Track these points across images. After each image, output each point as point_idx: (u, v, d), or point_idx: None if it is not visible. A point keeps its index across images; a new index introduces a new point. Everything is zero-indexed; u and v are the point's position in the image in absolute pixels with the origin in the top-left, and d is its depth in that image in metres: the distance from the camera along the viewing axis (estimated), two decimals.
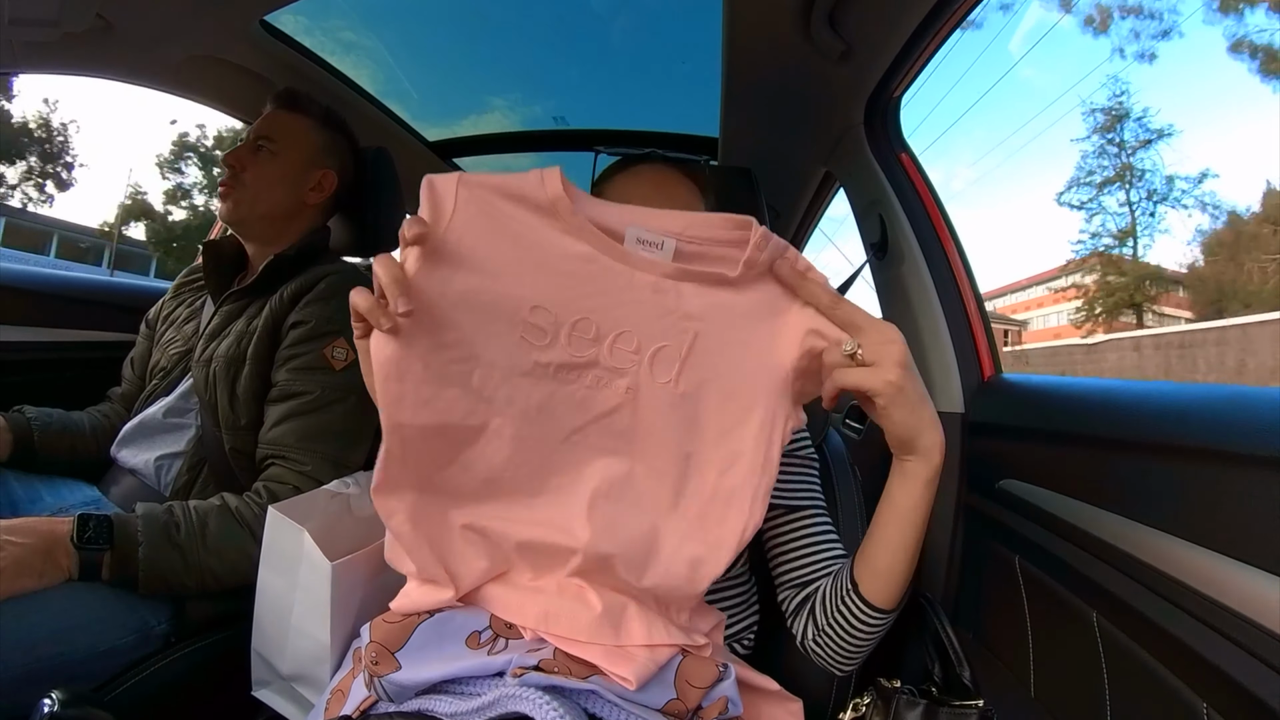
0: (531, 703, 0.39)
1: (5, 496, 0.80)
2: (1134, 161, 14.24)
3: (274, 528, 0.60)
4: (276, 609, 0.60)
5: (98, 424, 0.94)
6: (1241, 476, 0.49)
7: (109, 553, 0.65)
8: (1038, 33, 13.03)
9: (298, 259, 0.90)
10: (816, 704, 0.68)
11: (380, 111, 1.41)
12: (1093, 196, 14.94)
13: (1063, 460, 0.73)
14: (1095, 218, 15.08)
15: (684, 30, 1.31)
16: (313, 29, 1.18)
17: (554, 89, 1.63)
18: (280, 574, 0.60)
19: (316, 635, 0.56)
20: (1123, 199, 14.26)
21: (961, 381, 0.96)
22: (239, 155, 0.90)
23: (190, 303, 1.01)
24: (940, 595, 0.92)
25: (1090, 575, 0.63)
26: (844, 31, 0.88)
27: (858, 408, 1.56)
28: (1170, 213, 14.07)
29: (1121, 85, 13.81)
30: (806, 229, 1.91)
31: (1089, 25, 13.59)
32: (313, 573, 0.56)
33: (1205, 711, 0.49)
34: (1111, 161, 14.58)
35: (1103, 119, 14.73)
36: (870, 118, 1.05)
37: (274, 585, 0.60)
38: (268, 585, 0.61)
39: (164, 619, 0.71)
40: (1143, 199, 14.38)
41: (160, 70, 1.09)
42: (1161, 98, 28.66)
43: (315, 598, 0.56)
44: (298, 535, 0.57)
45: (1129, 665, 0.58)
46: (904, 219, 1.01)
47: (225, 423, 0.83)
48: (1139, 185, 14.30)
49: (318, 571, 0.55)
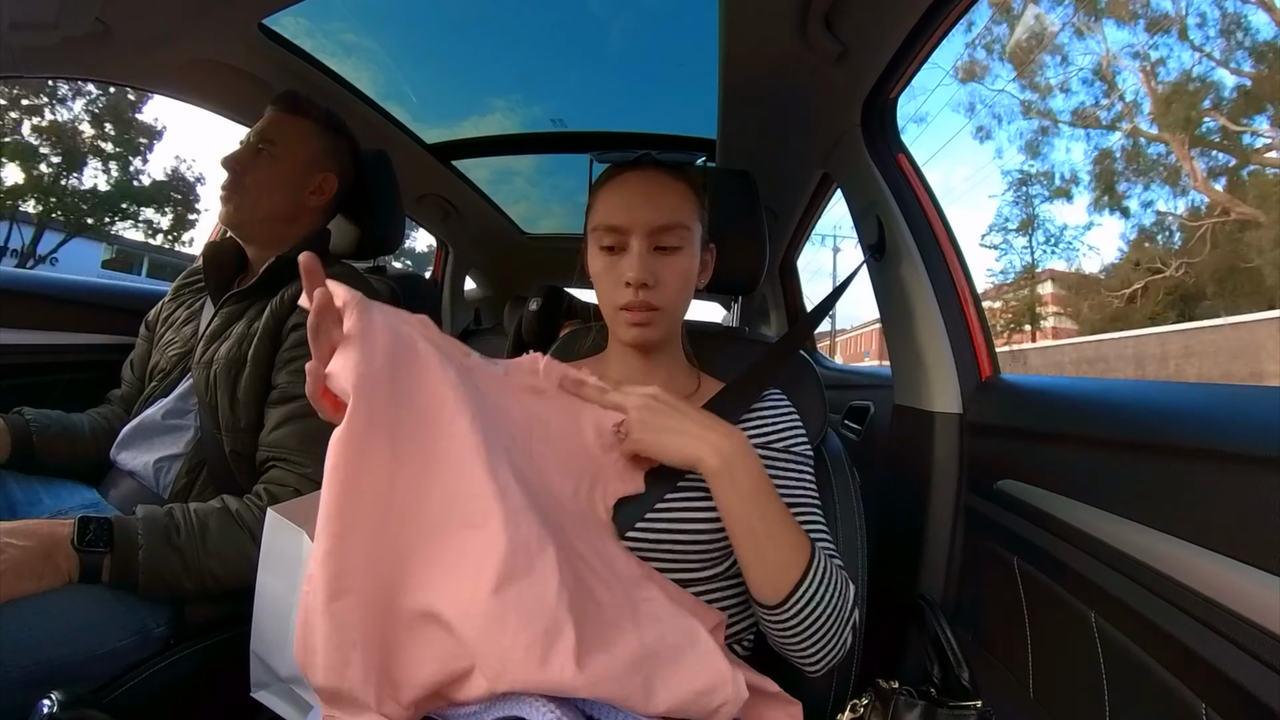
0: (530, 707, 0.39)
1: (4, 498, 0.79)
2: (1038, 213, 18.80)
3: (273, 530, 0.60)
4: (276, 611, 0.59)
5: (97, 426, 0.94)
6: (1239, 476, 0.49)
7: (109, 555, 0.65)
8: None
9: (298, 261, 0.90)
10: (816, 705, 0.68)
11: (378, 114, 1.41)
12: (1004, 240, 19.60)
13: (1062, 461, 0.74)
14: (1005, 257, 19.77)
15: (682, 33, 1.32)
16: (312, 31, 1.18)
17: (553, 92, 1.64)
18: (279, 576, 0.59)
19: None
20: (1026, 243, 19.05)
21: (960, 382, 0.96)
22: (239, 158, 0.90)
23: (190, 304, 1.01)
24: (939, 596, 0.92)
25: (1089, 576, 0.63)
26: (840, 33, 0.88)
27: (855, 409, 1.57)
28: (1061, 253, 18.89)
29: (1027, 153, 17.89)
30: (804, 230, 1.92)
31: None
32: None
33: (1204, 712, 0.49)
34: (1022, 211, 19.10)
35: (1017, 177, 18.97)
36: (867, 119, 1.05)
37: (273, 587, 0.60)
38: (267, 587, 0.61)
39: (163, 621, 0.71)
40: (1042, 244, 19.03)
41: (159, 74, 1.09)
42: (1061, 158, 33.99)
43: None
44: (297, 538, 0.57)
45: (1128, 665, 0.58)
46: (901, 220, 1.01)
47: (225, 425, 0.83)
48: (1040, 231, 18.98)
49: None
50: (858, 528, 0.75)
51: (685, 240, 0.66)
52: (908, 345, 1.04)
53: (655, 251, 0.65)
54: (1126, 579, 0.58)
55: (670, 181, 0.67)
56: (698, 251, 0.69)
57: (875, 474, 1.18)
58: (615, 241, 0.66)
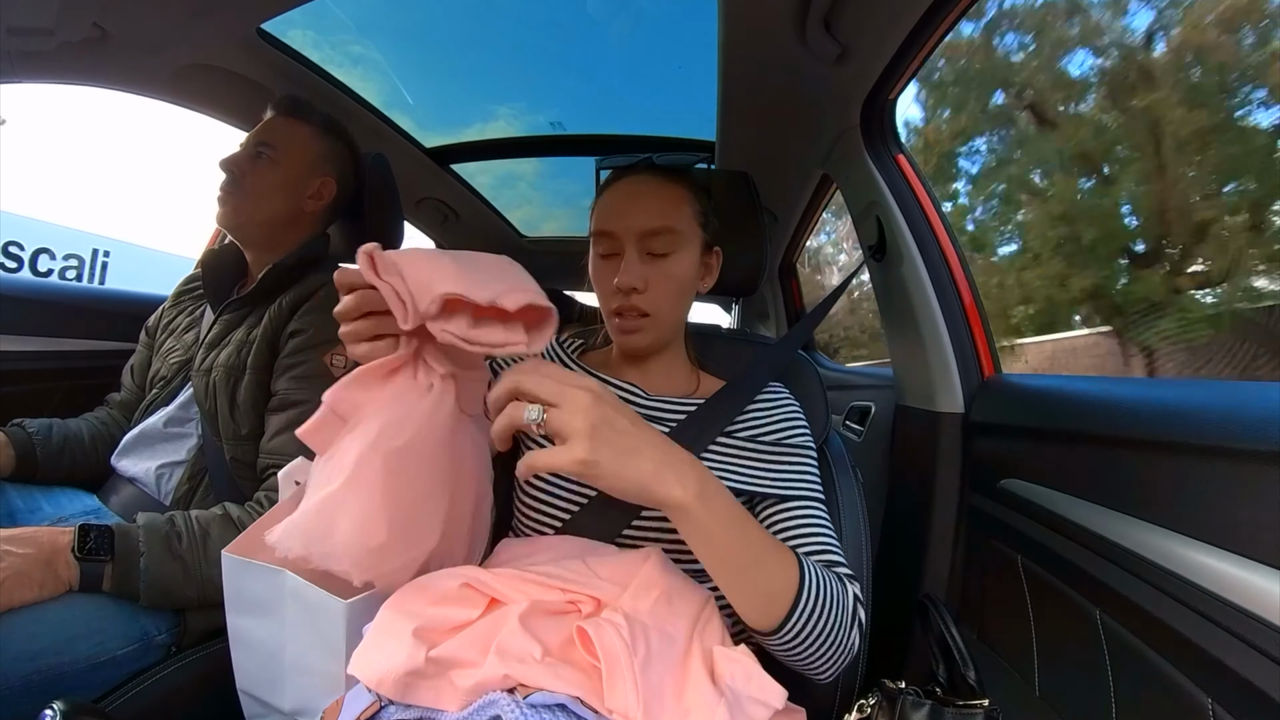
0: (510, 708, 0.38)
1: (4, 505, 0.79)
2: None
3: (237, 572, 0.55)
4: (262, 653, 0.56)
5: (97, 432, 0.94)
6: (1242, 471, 0.49)
7: (110, 564, 0.65)
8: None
9: (297, 267, 0.90)
10: (821, 706, 0.67)
11: (376, 117, 1.41)
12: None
13: (1064, 459, 0.74)
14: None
15: (681, 35, 1.32)
16: (310, 35, 1.18)
17: (552, 94, 1.64)
18: (258, 617, 0.55)
19: (326, 670, 0.53)
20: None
21: (961, 381, 0.96)
22: (238, 161, 0.90)
23: (190, 311, 1.01)
24: (944, 595, 0.93)
25: (1093, 573, 0.63)
26: (839, 34, 0.89)
27: (857, 409, 1.57)
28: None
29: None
30: (804, 232, 1.92)
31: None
32: (309, 611, 0.52)
33: (1210, 707, 0.49)
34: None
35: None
36: (866, 120, 1.05)
37: (252, 631, 0.56)
38: (244, 632, 0.57)
39: (165, 628, 0.71)
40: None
41: (157, 79, 1.09)
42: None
43: (319, 634, 0.53)
44: (275, 577, 0.53)
45: (1133, 661, 0.58)
46: (901, 220, 1.02)
47: (226, 432, 0.83)
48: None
49: (322, 611, 0.52)
50: (862, 528, 0.75)
51: (677, 245, 0.66)
52: (909, 345, 1.04)
53: (647, 257, 0.66)
54: (1131, 575, 0.58)
55: (664, 185, 0.67)
56: (695, 255, 0.69)
57: (878, 474, 1.18)
58: (609, 247, 0.67)
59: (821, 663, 0.53)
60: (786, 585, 0.48)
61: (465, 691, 0.41)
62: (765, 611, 0.48)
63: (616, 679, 0.41)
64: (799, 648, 0.51)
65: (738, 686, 0.46)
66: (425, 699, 0.42)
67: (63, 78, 1.03)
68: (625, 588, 0.50)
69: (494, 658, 0.41)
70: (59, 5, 0.83)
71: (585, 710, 0.40)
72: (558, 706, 0.40)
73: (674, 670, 0.45)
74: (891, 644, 0.95)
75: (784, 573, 0.49)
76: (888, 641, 0.92)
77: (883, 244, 1.06)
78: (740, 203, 0.87)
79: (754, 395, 0.70)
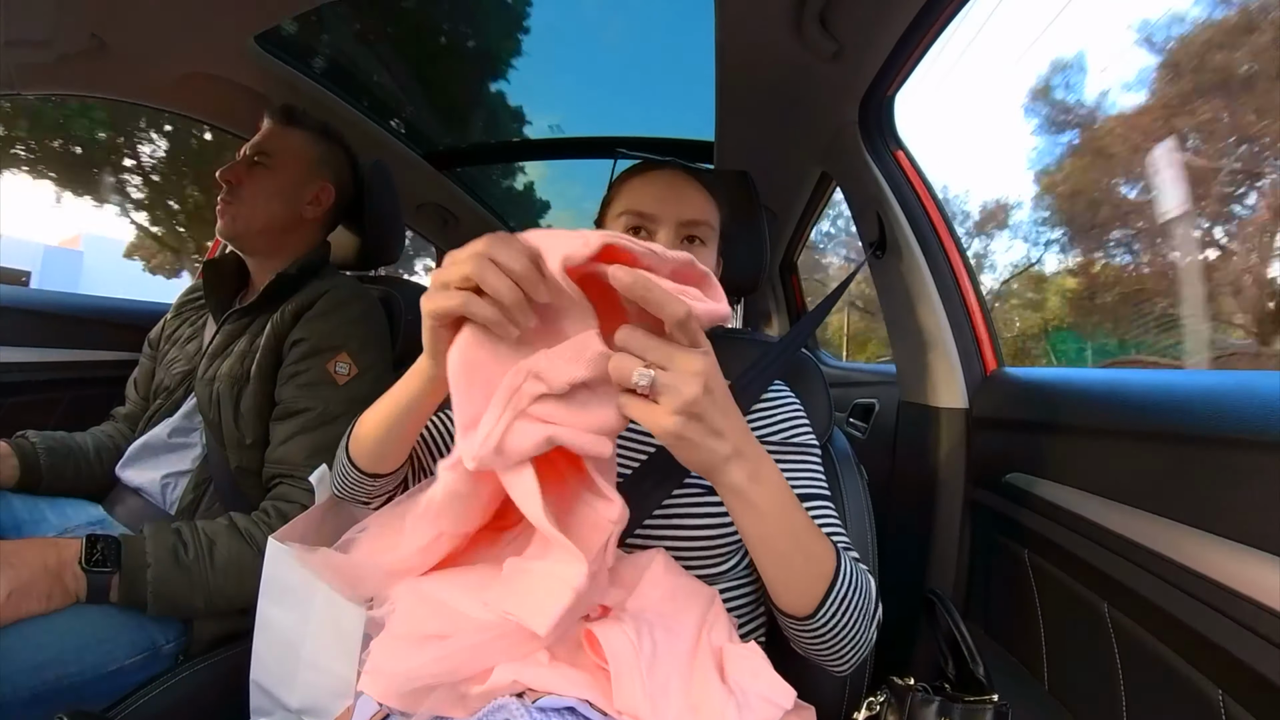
0: (517, 710, 0.38)
1: (9, 517, 0.79)
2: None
3: (276, 561, 0.57)
4: (283, 642, 0.57)
5: (102, 444, 0.94)
6: (1248, 461, 0.49)
7: (117, 575, 0.65)
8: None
9: (299, 276, 0.90)
10: (830, 703, 0.67)
11: (375, 124, 1.41)
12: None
13: (1069, 452, 0.73)
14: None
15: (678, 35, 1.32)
16: (308, 43, 1.19)
17: (551, 97, 1.64)
18: (288, 608, 0.56)
19: (338, 671, 0.53)
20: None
21: (964, 376, 0.96)
22: (235, 171, 0.90)
23: (193, 321, 1.01)
24: (950, 591, 0.92)
25: (1100, 566, 0.63)
26: (835, 31, 0.89)
27: (860, 407, 1.56)
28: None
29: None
30: (804, 230, 1.92)
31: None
32: (335, 609, 0.54)
33: (1220, 699, 0.49)
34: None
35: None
36: (864, 116, 1.05)
37: (279, 619, 0.57)
38: (271, 618, 0.58)
39: (172, 637, 0.71)
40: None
41: (155, 88, 1.09)
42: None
43: (339, 634, 0.53)
44: (308, 575, 0.55)
45: (1142, 655, 0.58)
46: (901, 216, 1.01)
47: (230, 441, 0.83)
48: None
49: (345, 611, 0.53)
50: (868, 525, 0.74)
51: (710, 238, 0.69)
52: (911, 341, 1.04)
53: (683, 243, 0.67)
54: (1138, 568, 0.58)
55: (696, 184, 0.70)
56: (715, 255, 0.71)
57: (882, 471, 1.18)
58: (641, 225, 0.67)
59: (846, 651, 0.53)
60: (824, 570, 0.50)
61: (474, 698, 0.41)
62: (804, 595, 0.49)
63: (624, 680, 0.41)
64: (829, 635, 0.51)
65: (746, 683, 0.46)
66: (433, 708, 0.42)
67: (64, 89, 1.03)
68: (631, 590, 0.50)
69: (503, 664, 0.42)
70: (56, 17, 0.83)
71: (594, 713, 0.40)
72: (566, 709, 0.40)
73: (681, 667, 0.45)
74: (898, 641, 0.94)
75: (824, 558, 0.50)
76: (894, 638, 0.92)
77: (883, 240, 1.06)
78: (740, 201, 0.87)
79: (759, 396, 0.70)
